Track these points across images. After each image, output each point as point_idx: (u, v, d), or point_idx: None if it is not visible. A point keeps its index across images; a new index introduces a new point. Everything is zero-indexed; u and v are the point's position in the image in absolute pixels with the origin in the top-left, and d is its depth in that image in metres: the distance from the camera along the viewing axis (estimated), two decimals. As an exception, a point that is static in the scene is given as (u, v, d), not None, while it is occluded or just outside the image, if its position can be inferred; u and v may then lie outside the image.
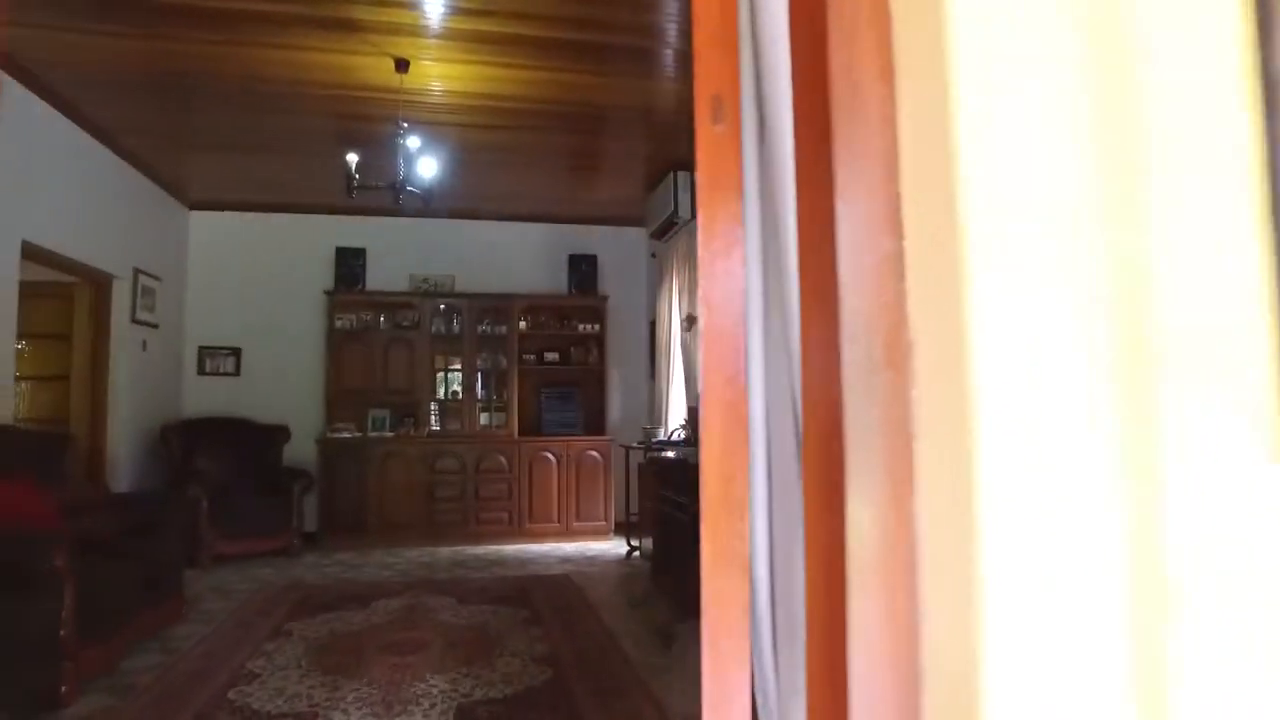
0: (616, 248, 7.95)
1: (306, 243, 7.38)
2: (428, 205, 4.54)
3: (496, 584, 5.36)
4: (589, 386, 7.62)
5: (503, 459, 7.08)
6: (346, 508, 6.79)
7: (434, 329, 7.29)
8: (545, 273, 7.79)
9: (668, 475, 5.09)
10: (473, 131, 5.46)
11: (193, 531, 5.81)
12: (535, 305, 7.57)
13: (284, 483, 6.48)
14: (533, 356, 7.53)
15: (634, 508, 6.56)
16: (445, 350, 7.38)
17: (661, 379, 6.98)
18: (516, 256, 7.76)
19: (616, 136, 5.67)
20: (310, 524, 6.83)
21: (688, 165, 6.29)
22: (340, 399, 7.12)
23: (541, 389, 7.43)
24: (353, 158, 4.30)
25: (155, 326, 6.47)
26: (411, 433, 7.12)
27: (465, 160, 6.04)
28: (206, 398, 7.11)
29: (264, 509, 6.30)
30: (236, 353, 7.26)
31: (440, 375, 7.41)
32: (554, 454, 7.16)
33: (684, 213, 6.31)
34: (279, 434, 6.94)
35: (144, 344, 6.28)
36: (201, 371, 7.21)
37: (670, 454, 6.02)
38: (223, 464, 6.41)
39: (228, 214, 7.30)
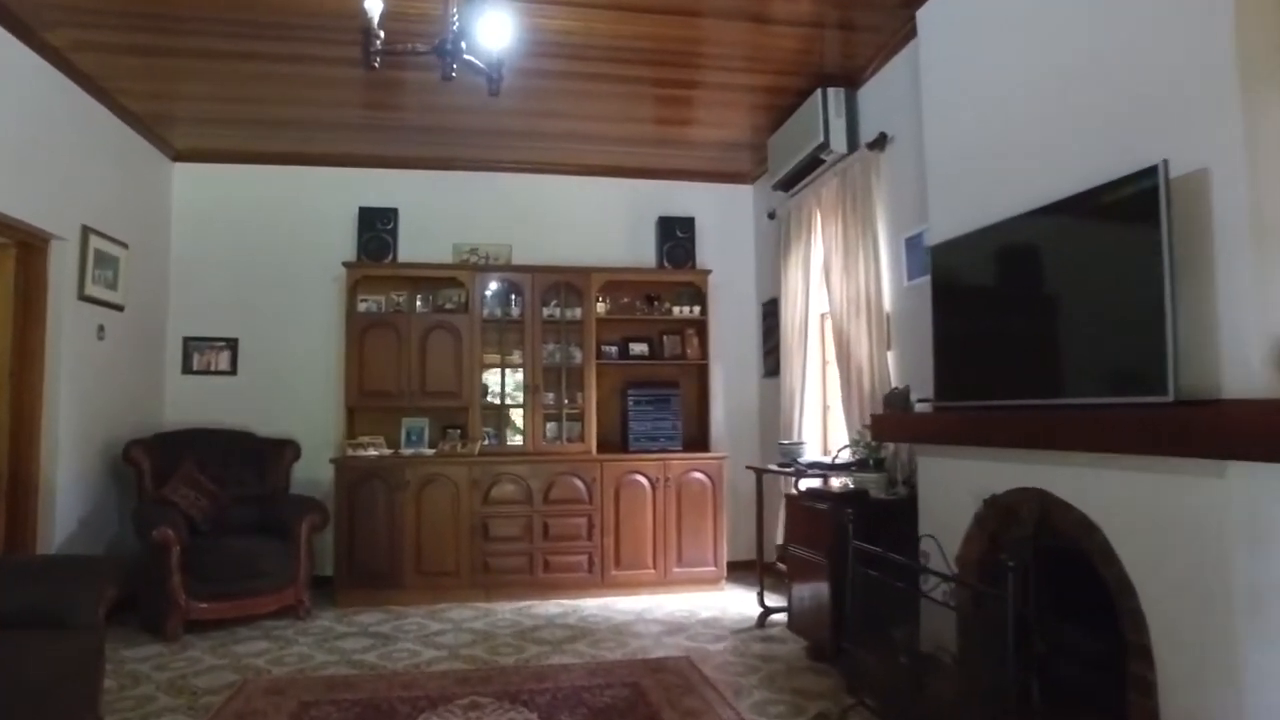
0: (718, 208, 6.20)
1: (322, 202, 5.74)
2: (494, 90, 2.82)
3: (593, 679, 3.58)
4: (688, 387, 5.84)
5: (579, 484, 5.31)
6: (372, 550, 5.07)
7: (486, 313, 5.57)
8: (628, 240, 6.05)
9: (868, 519, 3.29)
10: (540, 10, 3.73)
11: (162, 589, 4.18)
12: (616, 282, 5.80)
13: (290, 517, 4.80)
14: (614, 348, 5.78)
15: (766, 551, 4.76)
16: (500, 341, 5.64)
17: (792, 379, 5.17)
18: (591, 219, 6.02)
19: (723, 25, 3.90)
20: (325, 565, 5.15)
21: (843, 79, 4.51)
22: (364, 405, 5.42)
23: (627, 391, 5.65)
24: (374, 4, 2.59)
25: (119, 308, 4.83)
26: (458, 449, 5.40)
27: (528, 73, 4.32)
28: (193, 403, 5.48)
29: (262, 555, 4.60)
30: (232, 345, 5.61)
31: (494, 373, 5.67)
32: (647, 477, 5.39)
33: (837, 145, 4.52)
34: (285, 451, 5.27)
35: (100, 330, 4.64)
36: (188, 369, 5.57)
37: (820, 482, 4.23)
38: (207, 493, 4.74)
39: (222, 166, 5.67)
